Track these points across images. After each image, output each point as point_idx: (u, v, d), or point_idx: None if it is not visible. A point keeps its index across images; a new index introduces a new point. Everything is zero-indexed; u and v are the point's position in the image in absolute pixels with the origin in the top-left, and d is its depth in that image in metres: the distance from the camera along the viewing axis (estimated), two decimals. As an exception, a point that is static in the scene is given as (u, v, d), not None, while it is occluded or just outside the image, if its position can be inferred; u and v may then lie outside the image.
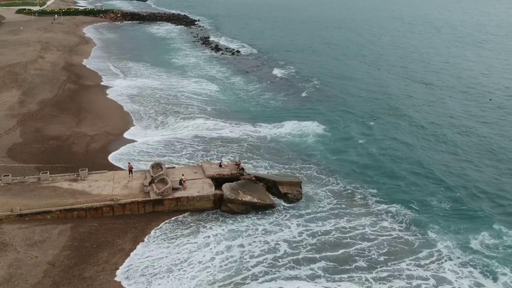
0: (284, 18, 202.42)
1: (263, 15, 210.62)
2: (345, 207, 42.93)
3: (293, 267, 34.32)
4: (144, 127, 61.61)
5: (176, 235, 37.50)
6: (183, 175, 43.42)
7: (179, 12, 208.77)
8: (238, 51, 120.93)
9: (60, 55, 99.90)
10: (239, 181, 43.86)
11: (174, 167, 47.27)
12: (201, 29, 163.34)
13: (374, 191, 46.04)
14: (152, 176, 43.21)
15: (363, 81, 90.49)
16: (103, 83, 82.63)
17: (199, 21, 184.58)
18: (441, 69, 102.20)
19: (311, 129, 62.16)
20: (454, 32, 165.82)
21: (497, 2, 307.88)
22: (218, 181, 44.06)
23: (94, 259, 34.04)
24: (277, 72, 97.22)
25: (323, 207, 42.69)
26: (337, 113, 70.07)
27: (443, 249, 36.91)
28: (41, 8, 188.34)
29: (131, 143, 55.78)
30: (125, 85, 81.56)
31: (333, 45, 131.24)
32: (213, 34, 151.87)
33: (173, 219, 39.99)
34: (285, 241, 37.30)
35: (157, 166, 45.16)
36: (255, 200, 41.76)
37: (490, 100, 78.37)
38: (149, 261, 34.19)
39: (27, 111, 63.99)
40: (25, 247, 34.43)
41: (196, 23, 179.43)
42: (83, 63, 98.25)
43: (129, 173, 44.49)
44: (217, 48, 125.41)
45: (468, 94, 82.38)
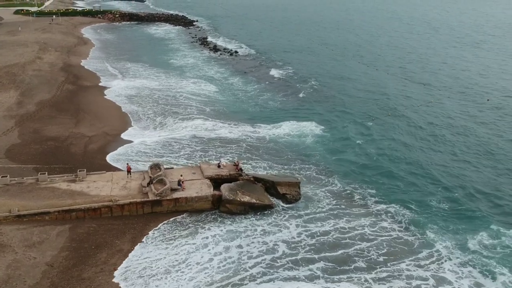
0: (282, 18, 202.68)
1: (261, 16, 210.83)
2: (344, 207, 42.95)
3: (291, 268, 34.27)
4: (142, 127, 61.61)
5: (174, 236, 37.48)
6: (182, 175, 43.43)
7: (177, 12, 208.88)
8: (236, 52, 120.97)
9: (58, 55, 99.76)
10: (238, 182, 43.88)
11: (172, 168, 47.25)
12: (199, 30, 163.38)
13: (373, 191, 46.10)
14: (150, 176, 43.19)
15: (361, 82, 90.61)
16: (102, 84, 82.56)
17: (197, 21, 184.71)
18: (439, 70, 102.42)
19: (309, 130, 62.26)
20: (451, 32, 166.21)
21: (494, 2, 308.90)
22: (216, 182, 44.06)
23: (92, 260, 34.00)
24: (275, 72, 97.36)
25: (322, 208, 42.70)
26: (335, 114, 70.20)
27: (442, 249, 36.98)
28: (39, 8, 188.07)
29: (129, 143, 55.77)
30: (123, 85, 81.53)
31: (331, 46, 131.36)
32: (211, 34, 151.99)
33: (171, 219, 39.97)
34: (284, 242, 37.25)
35: (156, 166, 45.16)
36: (254, 200, 41.76)
37: (487, 100, 78.59)
38: (147, 263, 34.16)
39: (25, 112, 63.91)
40: (23, 248, 34.36)
41: (194, 23, 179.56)
42: (81, 63, 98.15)
43: (128, 174, 44.44)
44: (215, 48, 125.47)
45: (465, 94, 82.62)
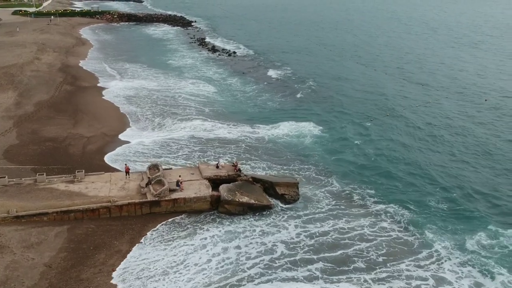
0: (280, 19, 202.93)
1: (259, 16, 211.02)
2: (343, 208, 42.91)
3: (290, 268, 34.21)
4: (141, 128, 61.55)
5: (173, 237, 37.42)
6: (180, 176, 43.36)
7: (175, 13, 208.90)
8: (234, 52, 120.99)
9: (56, 56, 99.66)
10: (236, 182, 43.85)
11: (171, 168, 47.20)
12: (197, 30, 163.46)
13: (372, 191, 46.10)
14: (149, 177, 43.13)
15: (359, 82, 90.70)
16: (100, 85, 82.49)
17: (195, 22, 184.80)
18: (437, 70, 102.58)
19: (308, 130, 62.29)
20: (450, 33, 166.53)
21: (493, 2, 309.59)
22: (215, 182, 44.02)
23: (91, 261, 33.94)
24: (274, 73, 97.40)
25: (321, 208, 42.65)
26: (334, 114, 70.25)
27: (442, 249, 36.96)
28: (37, 9, 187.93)
29: (127, 144, 55.73)
30: (122, 86, 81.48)
31: (329, 46, 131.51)
32: (209, 35, 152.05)
33: (170, 220, 39.91)
34: (283, 242, 37.20)
35: (154, 167, 45.14)
36: (252, 201, 41.74)
37: (485, 100, 78.74)
38: (145, 264, 34.07)
39: (23, 112, 63.82)
40: (22, 249, 34.29)
41: (192, 24, 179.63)
42: (80, 64, 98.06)
43: (126, 175, 44.39)
44: (213, 49, 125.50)
45: (463, 94, 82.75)
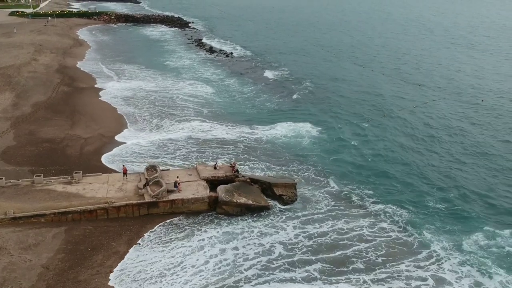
0: (277, 20, 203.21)
1: (256, 17, 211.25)
2: (342, 208, 42.92)
3: (288, 269, 34.19)
4: (138, 129, 61.42)
5: (170, 239, 37.35)
6: (178, 177, 43.32)
7: (173, 14, 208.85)
8: (232, 53, 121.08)
9: (53, 57, 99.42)
10: (234, 183, 43.85)
11: (168, 170, 47.17)
12: (195, 31, 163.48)
13: (370, 192, 46.16)
14: (146, 178, 43.08)
15: (356, 83, 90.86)
16: (97, 86, 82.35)
17: (193, 23, 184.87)
18: (433, 71, 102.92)
19: (306, 131, 62.36)
20: (446, 34, 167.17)
21: (489, 4, 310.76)
22: (213, 183, 44.01)
23: (88, 262, 33.86)
24: (271, 74, 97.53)
25: (320, 209, 42.64)
26: (331, 115, 70.34)
27: (440, 249, 37.04)
28: (35, 10, 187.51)
29: (125, 145, 55.63)
30: (119, 87, 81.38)
31: (326, 47, 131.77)
32: (207, 36, 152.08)
33: (168, 221, 39.86)
34: (281, 243, 37.16)
35: (152, 168, 45.10)
36: (250, 202, 41.74)
37: (482, 101, 79.05)
38: (142, 266, 33.99)
39: (20, 113, 63.64)
40: (19, 251, 34.18)
41: (190, 25, 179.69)
42: (77, 65, 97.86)
43: (124, 176, 44.31)
44: (211, 50, 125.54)
45: (460, 95, 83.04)
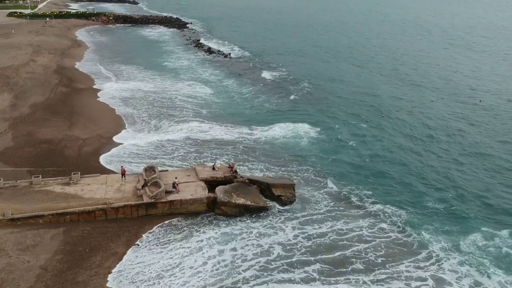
0: (275, 21, 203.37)
1: (254, 18, 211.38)
2: (342, 209, 42.91)
3: (286, 270, 34.16)
4: (137, 130, 61.36)
5: (169, 240, 37.30)
6: (176, 178, 43.32)
7: (171, 15, 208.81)
8: (230, 54, 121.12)
9: (52, 58, 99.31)
10: (233, 184, 43.87)
11: (167, 170, 47.18)
12: (193, 32, 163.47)
13: (369, 192, 46.19)
14: (145, 179, 43.06)
15: (354, 84, 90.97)
16: (96, 86, 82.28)
17: (191, 23, 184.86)
18: (431, 72, 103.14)
19: (304, 132, 62.41)
20: (444, 34, 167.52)
21: (486, 4, 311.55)
22: (211, 184, 44.03)
23: (87, 263, 33.81)
24: (270, 74, 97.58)
25: (319, 209, 42.62)
26: (330, 116, 70.41)
27: (439, 250, 37.09)
28: (33, 11, 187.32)
29: (123, 145, 55.59)
30: (117, 88, 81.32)
31: (324, 48, 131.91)
32: (205, 36, 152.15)
33: (166, 222, 39.82)
34: (279, 244, 37.15)
35: (150, 169, 45.08)
36: (249, 202, 41.74)
37: (480, 101, 79.25)
38: (140, 267, 33.91)
39: (18, 114, 63.55)
40: (17, 252, 34.12)
41: (188, 25, 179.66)
42: (76, 66, 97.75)
43: (122, 177, 44.29)
44: (209, 50, 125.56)
45: (458, 96, 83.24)
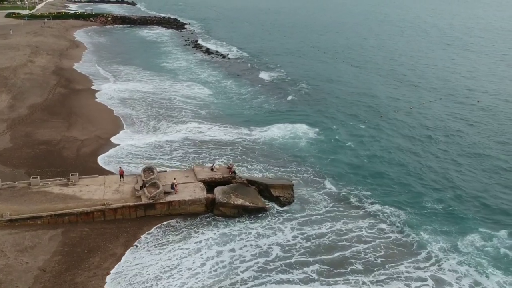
0: (273, 21, 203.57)
1: (252, 19, 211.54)
2: (341, 210, 42.89)
3: (285, 271, 34.13)
4: (136, 131, 61.31)
5: (167, 241, 37.25)
6: (175, 179, 43.32)
7: (169, 15, 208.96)
8: (228, 55, 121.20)
9: (50, 59, 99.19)
10: (231, 185, 43.87)
11: (165, 171, 47.16)
12: (191, 33, 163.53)
13: (368, 193, 46.18)
14: (143, 180, 43.01)
15: (352, 84, 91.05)
16: (94, 87, 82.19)
17: (189, 24, 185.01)
18: (430, 72, 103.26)
19: (303, 132, 62.41)
20: (442, 35, 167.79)
21: (485, 5, 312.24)
22: (210, 185, 44.01)
23: (85, 264, 33.76)
24: (268, 75, 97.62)
25: (318, 210, 42.59)
26: (328, 116, 70.45)
27: (438, 250, 37.11)
28: (31, 12, 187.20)
29: (121, 146, 55.53)
30: (116, 89, 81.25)
31: (322, 49, 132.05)
32: (203, 37, 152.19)
33: (165, 223, 39.77)
34: (278, 245, 37.12)
35: (149, 170, 45.05)
36: (247, 203, 41.73)
37: (478, 102, 79.38)
38: (139, 268, 33.85)
39: (17, 115, 63.45)
40: (15, 253, 34.06)
41: (186, 26, 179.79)
42: (74, 67, 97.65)
43: (120, 177, 44.24)
44: (208, 51, 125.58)
45: (456, 96, 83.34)
